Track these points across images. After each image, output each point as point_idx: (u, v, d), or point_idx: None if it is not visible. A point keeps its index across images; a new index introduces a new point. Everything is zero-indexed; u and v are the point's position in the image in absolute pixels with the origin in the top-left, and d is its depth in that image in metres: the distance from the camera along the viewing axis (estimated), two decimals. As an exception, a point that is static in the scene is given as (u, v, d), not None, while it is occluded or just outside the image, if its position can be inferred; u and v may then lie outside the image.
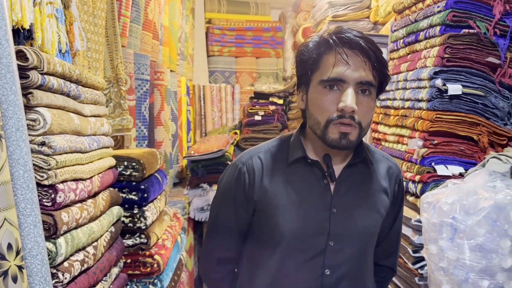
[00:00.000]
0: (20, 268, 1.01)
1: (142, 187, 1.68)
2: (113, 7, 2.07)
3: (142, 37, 2.59)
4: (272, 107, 4.01)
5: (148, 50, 2.69)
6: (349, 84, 1.00)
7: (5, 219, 0.97)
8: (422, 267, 1.60)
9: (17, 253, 1.01)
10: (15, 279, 1.00)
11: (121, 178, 1.66)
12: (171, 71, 3.50)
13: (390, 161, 1.23)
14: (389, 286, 1.98)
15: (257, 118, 3.93)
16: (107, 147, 1.54)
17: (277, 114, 4.00)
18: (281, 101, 4.12)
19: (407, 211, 1.74)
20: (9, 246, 0.99)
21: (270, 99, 4.11)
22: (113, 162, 1.57)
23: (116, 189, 1.61)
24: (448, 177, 1.59)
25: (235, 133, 4.09)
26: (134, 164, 1.67)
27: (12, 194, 1.00)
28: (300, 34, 4.38)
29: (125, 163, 1.67)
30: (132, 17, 2.35)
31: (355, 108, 0.99)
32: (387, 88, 2.16)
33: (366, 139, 2.50)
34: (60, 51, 1.42)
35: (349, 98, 0.98)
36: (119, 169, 1.67)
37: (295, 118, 3.92)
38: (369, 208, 1.13)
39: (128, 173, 1.67)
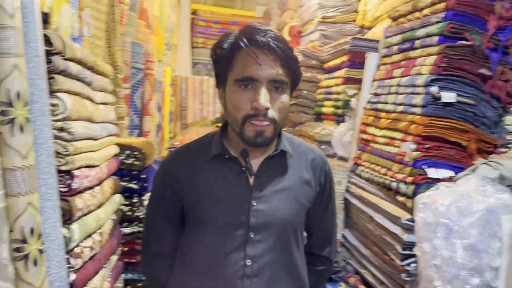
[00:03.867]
0: (40, 251, 1.02)
1: (143, 176, 1.69)
2: (114, -6, 2.05)
3: (137, 25, 2.57)
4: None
5: (141, 39, 2.67)
6: (262, 83, 1.03)
7: (28, 203, 0.98)
8: (409, 264, 1.69)
9: (38, 237, 1.01)
10: (35, 262, 1.00)
11: (123, 167, 1.67)
12: (159, 60, 3.47)
13: (315, 153, 1.25)
14: (371, 280, 2.07)
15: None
16: (113, 135, 1.55)
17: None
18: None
19: (396, 211, 1.82)
20: (31, 231, 0.99)
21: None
22: (117, 150, 1.57)
23: (118, 177, 1.62)
24: (438, 180, 1.68)
25: (217, 126, 4.10)
26: (136, 153, 1.68)
27: (36, 178, 1.00)
28: (286, 32, 4.43)
29: (127, 152, 1.68)
30: (130, 4, 2.33)
31: (269, 106, 1.03)
32: (379, 91, 2.25)
33: (353, 139, 2.58)
34: (72, 36, 1.41)
35: (262, 97, 1.02)
36: (121, 158, 1.67)
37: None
38: (289, 200, 1.15)
39: (129, 162, 1.68)
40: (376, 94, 2.28)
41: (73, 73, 1.19)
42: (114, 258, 1.56)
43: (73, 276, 1.15)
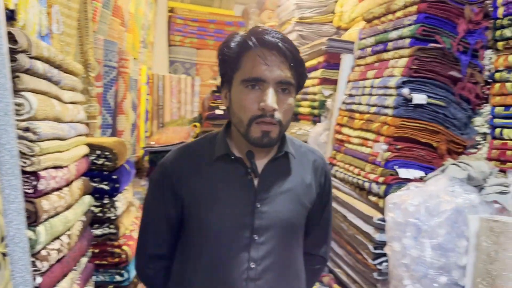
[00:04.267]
0: (3, 255, 0.99)
1: (114, 177, 1.67)
2: (86, -9, 2.01)
3: (111, 23, 2.53)
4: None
5: (115, 36, 2.63)
6: (269, 84, 1.03)
7: (-10, 205, 0.95)
8: (381, 263, 1.71)
9: (1, 239, 0.99)
10: (-3, 267, 0.97)
11: (93, 167, 1.64)
12: (134, 58, 3.43)
13: (316, 154, 1.26)
14: (345, 279, 2.09)
15: (218, 112, 3.94)
16: (82, 135, 1.52)
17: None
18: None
19: (369, 210, 1.84)
20: (-7, 233, 0.96)
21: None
22: (87, 150, 1.54)
23: (88, 178, 1.59)
24: (409, 180, 1.71)
25: (195, 125, 4.08)
26: (107, 153, 1.65)
27: (-2, 180, 0.97)
28: (263, 32, 4.43)
29: (98, 152, 1.65)
30: (104, 2, 2.29)
31: (276, 107, 1.02)
32: (353, 92, 2.28)
33: (329, 139, 2.60)
34: (39, 34, 1.38)
35: (269, 98, 1.01)
36: (91, 158, 1.64)
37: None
38: (292, 201, 1.16)
39: (100, 162, 1.65)
40: (350, 95, 2.31)
41: (39, 72, 1.16)
42: (84, 260, 1.53)
43: (39, 280, 1.12)
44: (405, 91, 1.74)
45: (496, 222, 1.25)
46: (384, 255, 1.68)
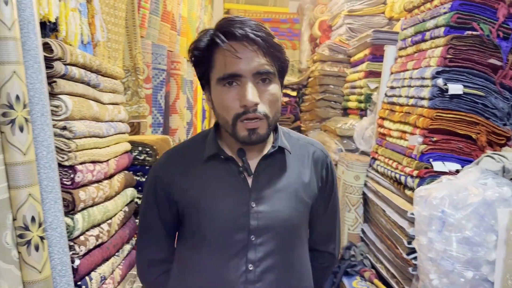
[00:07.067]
0: (41, 238, 1.13)
1: (155, 171, 1.79)
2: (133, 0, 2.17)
3: (161, 28, 2.69)
4: (285, 99, 4.09)
5: (165, 40, 2.79)
6: (246, 78, 0.97)
7: (29, 194, 1.09)
8: (415, 258, 1.68)
9: (39, 225, 1.13)
10: (37, 248, 1.12)
11: (136, 162, 1.78)
12: (187, 60, 3.60)
13: (315, 146, 1.18)
14: (385, 274, 2.07)
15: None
16: (123, 133, 1.65)
17: (290, 106, 4.08)
18: (294, 93, 4.19)
19: (404, 204, 1.81)
20: (33, 219, 1.11)
21: (284, 90, 4.18)
22: (128, 147, 1.68)
23: (131, 172, 1.73)
24: (444, 173, 1.66)
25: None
26: (148, 149, 1.78)
27: (36, 172, 1.11)
28: (316, 27, 4.43)
29: (140, 148, 1.78)
30: (151, 8, 2.45)
31: (257, 101, 0.97)
32: (394, 84, 2.23)
33: (374, 134, 2.57)
34: (82, 42, 1.53)
35: (249, 93, 0.95)
36: (134, 154, 1.78)
37: (308, 110, 3.99)
38: (291, 199, 1.09)
39: (142, 157, 1.78)
40: (391, 88, 2.27)
41: (76, 76, 1.30)
42: (127, 247, 1.67)
43: (77, 262, 1.26)
44: (440, 81, 1.69)
45: (525, 216, 1.20)
46: (418, 249, 1.65)
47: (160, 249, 1.19)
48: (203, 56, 1.04)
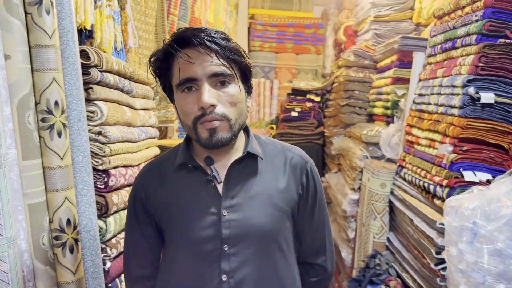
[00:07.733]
0: (76, 241, 1.17)
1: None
2: (162, 6, 2.21)
3: (188, 33, 2.73)
4: (309, 104, 4.07)
5: (193, 45, 2.82)
6: (202, 81, 0.97)
7: (66, 198, 1.13)
8: (444, 269, 1.65)
9: (74, 227, 1.16)
10: (71, 250, 1.15)
11: (164, 167, 1.81)
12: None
13: (293, 152, 1.15)
14: (411, 284, 2.04)
15: (294, 114, 4.01)
16: (153, 138, 1.69)
17: (314, 111, 4.06)
18: (318, 98, 4.18)
19: (433, 214, 1.79)
20: (68, 221, 1.14)
21: (308, 96, 4.17)
22: (158, 151, 1.71)
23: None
24: (475, 183, 1.62)
25: (272, 127, 4.19)
26: (176, 154, 1.80)
27: (72, 176, 1.15)
28: (341, 32, 4.41)
29: (168, 153, 1.81)
30: (180, 15, 2.49)
31: (213, 102, 0.97)
32: (423, 92, 2.20)
33: (401, 141, 2.54)
34: (115, 49, 1.57)
35: (204, 95, 0.96)
36: (162, 158, 1.81)
37: (332, 115, 3.97)
38: (265, 205, 1.06)
39: (170, 162, 1.81)
40: (420, 95, 2.24)
41: (110, 83, 1.34)
42: (155, 250, 1.70)
43: (108, 264, 1.29)
44: (471, 90, 1.66)
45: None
46: (447, 260, 1.62)
47: (145, 265, 1.18)
48: (161, 67, 1.05)
